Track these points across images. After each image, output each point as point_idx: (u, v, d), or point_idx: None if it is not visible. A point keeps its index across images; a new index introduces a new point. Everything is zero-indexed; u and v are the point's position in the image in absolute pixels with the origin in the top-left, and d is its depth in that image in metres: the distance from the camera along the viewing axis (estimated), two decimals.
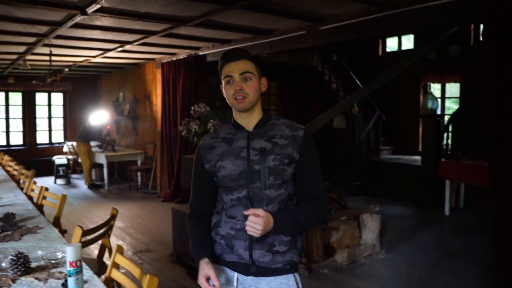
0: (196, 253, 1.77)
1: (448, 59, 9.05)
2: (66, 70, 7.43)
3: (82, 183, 9.88)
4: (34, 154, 11.52)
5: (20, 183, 5.25)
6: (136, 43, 6.55)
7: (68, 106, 12.19)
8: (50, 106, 12.08)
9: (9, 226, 2.88)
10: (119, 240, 5.59)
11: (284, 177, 1.74)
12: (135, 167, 9.30)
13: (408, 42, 10.31)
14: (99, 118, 9.93)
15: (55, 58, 7.74)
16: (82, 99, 12.20)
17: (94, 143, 9.78)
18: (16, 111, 11.65)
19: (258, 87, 1.81)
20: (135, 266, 2.06)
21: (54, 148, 11.87)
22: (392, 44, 10.62)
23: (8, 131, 11.42)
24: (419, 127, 9.76)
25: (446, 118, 8.83)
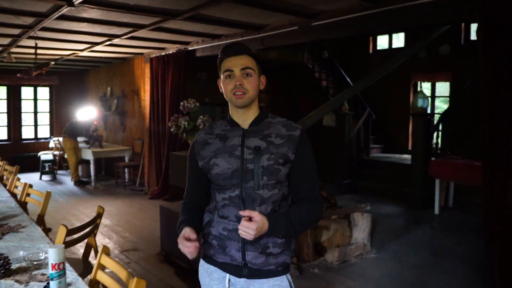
0: (179, 227, 1.74)
1: (438, 58, 9.06)
2: (52, 64, 7.27)
3: (68, 180, 9.71)
4: (19, 149, 11.31)
5: (3, 179, 5.10)
6: (125, 37, 6.42)
7: (54, 100, 11.98)
8: (36, 100, 11.86)
9: None
10: (106, 238, 5.47)
11: (278, 177, 1.71)
12: (123, 164, 9.16)
13: (397, 41, 10.29)
14: (87, 114, 9.75)
15: (40, 51, 7.57)
16: (69, 93, 12.00)
17: (81, 138, 9.62)
18: (1, 106, 11.41)
19: (258, 84, 1.77)
20: (121, 268, 1.97)
21: (40, 144, 11.66)
22: (382, 42, 10.59)
23: None
24: (409, 125, 9.76)
25: (436, 117, 8.84)
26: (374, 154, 9.72)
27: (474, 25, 8.89)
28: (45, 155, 10.21)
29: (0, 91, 11.43)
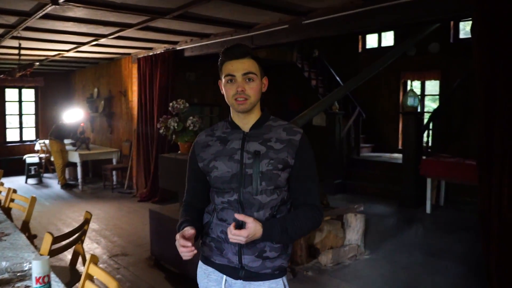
0: (179, 228, 1.69)
1: (428, 57, 9.05)
2: (36, 64, 7.10)
3: (55, 183, 9.51)
4: (4, 152, 11.07)
5: None
6: (112, 37, 6.28)
7: (40, 102, 11.76)
8: (21, 102, 11.64)
9: None
10: (94, 243, 5.33)
11: (277, 182, 1.68)
12: (110, 166, 9.00)
13: (386, 40, 10.26)
14: (73, 116, 9.56)
15: (24, 52, 7.37)
16: (55, 95, 11.78)
17: (68, 141, 9.43)
18: None
19: (260, 88, 1.73)
20: (111, 278, 1.86)
21: (25, 146, 11.43)
22: (371, 41, 10.57)
23: None
24: (399, 124, 9.75)
25: (426, 115, 8.83)
26: (365, 153, 9.69)
27: (463, 23, 8.91)
28: (30, 158, 10.00)
29: None
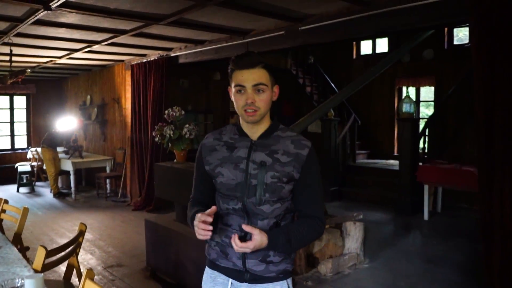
0: (192, 218, 1.68)
1: (422, 63, 9.06)
2: (28, 71, 6.97)
3: (47, 192, 9.35)
4: None
5: None
6: (105, 43, 6.19)
7: (31, 110, 11.60)
8: (12, 109, 11.47)
9: None
10: (88, 254, 5.21)
11: (281, 194, 1.69)
12: (104, 174, 8.87)
13: (379, 46, 10.26)
14: (66, 123, 9.41)
15: (16, 58, 7.28)
16: (47, 102, 11.64)
17: (61, 149, 9.30)
18: None
19: (270, 98, 1.70)
20: None
21: (17, 155, 11.27)
22: (366, 47, 10.56)
23: None
24: (394, 130, 9.72)
25: (421, 121, 8.81)
26: (360, 160, 9.64)
27: (457, 29, 8.93)
28: (22, 167, 9.84)
29: None
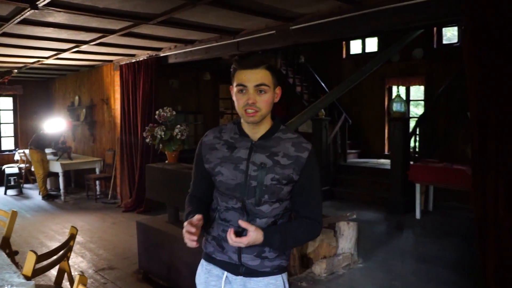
0: (187, 217, 1.71)
1: (411, 62, 9.08)
2: (14, 72, 6.87)
3: (36, 194, 9.22)
4: None
5: None
6: (93, 43, 6.10)
7: (18, 111, 11.44)
8: None
9: None
10: (79, 257, 5.12)
11: (280, 195, 1.71)
12: (93, 176, 8.77)
13: (369, 45, 10.27)
14: (54, 125, 9.27)
15: (2, 59, 7.17)
16: (34, 103, 11.49)
17: (49, 150, 9.16)
18: None
19: (272, 100, 1.71)
20: None
21: (4, 156, 11.11)
22: (356, 47, 10.56)
23: None
24: (384, 130, 9.74)
25: (411, 121, 8.83)
26: (351, 159, 9.64)
27: (446, 29, 8.96)
28: (10, 169, 9.68)
29: None
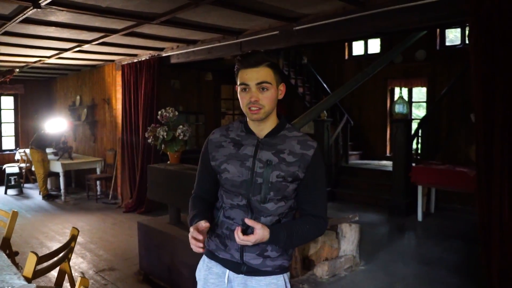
0: (192, 221, 1.74)
1: (414, 64, 9.05)
2: (16, 71, 6.85)
3: (36, 194, 9.19)
4: None
5: None
6: (95, 43, 6.08)
7: (20, 110, 11.42)
8: (0, 110, 11.29)
9: None
10: (79, 258, 5.09)
11: (285, 193, 1.73)
12: (94, 176, 8.74)
13: (371, 47, 10.24)
14: (56, 125, 9.24)
15: (3, 58, 7.14)
16: (36, 103, 11.47)
17: (50, 150, 9.14)
18: None
19: (275, 96, 1.73)
20: None
21: (5, 156, 11.09)
22: (358, 48, 10.53)
23: None
24: (386, 131, 9.71)
25: (413, 122, 8.79)
26: (353, 161, 9.60)
27: (449, 31, 8.93)
28: (10, 168, 9.66)
29: None
